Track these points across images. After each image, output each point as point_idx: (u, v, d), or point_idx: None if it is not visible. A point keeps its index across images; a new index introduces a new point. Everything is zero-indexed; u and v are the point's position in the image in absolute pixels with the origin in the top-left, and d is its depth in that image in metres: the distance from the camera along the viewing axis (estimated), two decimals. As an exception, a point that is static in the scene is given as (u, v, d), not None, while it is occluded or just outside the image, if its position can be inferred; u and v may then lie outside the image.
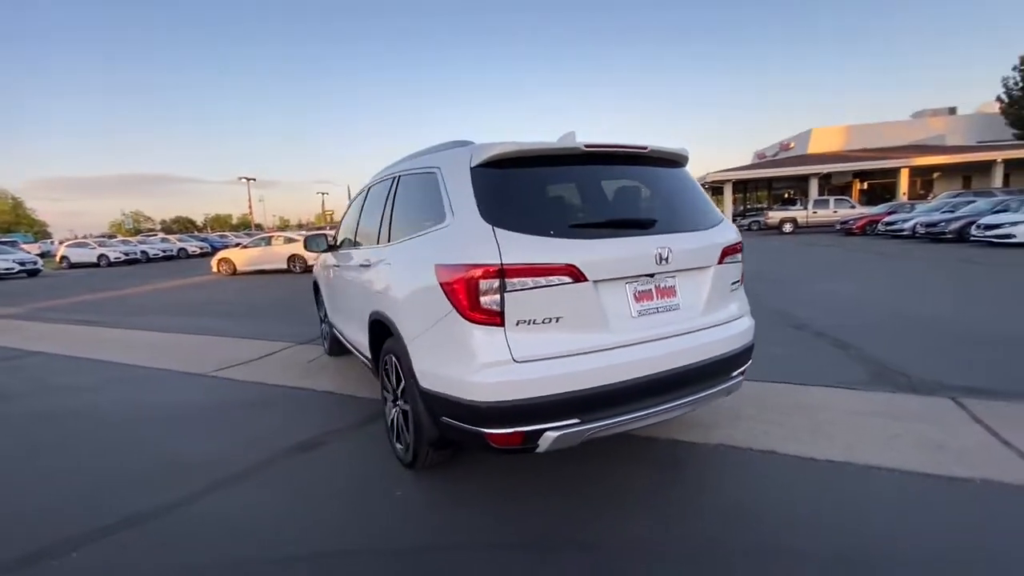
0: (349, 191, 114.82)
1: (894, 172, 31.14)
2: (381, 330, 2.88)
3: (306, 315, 7.92)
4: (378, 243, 3.08)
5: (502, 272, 1.94)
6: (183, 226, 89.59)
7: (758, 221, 27.79)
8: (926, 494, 2.32)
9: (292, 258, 15.31)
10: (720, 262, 2.44)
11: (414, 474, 2.66)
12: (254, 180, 45.65)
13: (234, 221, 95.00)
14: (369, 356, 3.17)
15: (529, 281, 1.97)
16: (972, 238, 14.72)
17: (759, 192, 41.19)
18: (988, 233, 13.99)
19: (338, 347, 5.02)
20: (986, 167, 29.70)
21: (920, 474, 2.48)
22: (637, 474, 2.59)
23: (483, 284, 1.95)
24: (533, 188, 2.22)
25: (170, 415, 3.79)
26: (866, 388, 3.61)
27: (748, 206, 39.69)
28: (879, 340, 4.76)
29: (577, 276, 2.01)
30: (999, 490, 2.30)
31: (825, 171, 30.12)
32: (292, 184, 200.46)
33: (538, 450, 2.01)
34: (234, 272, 15.93)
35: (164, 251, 27.26)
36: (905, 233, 18.15)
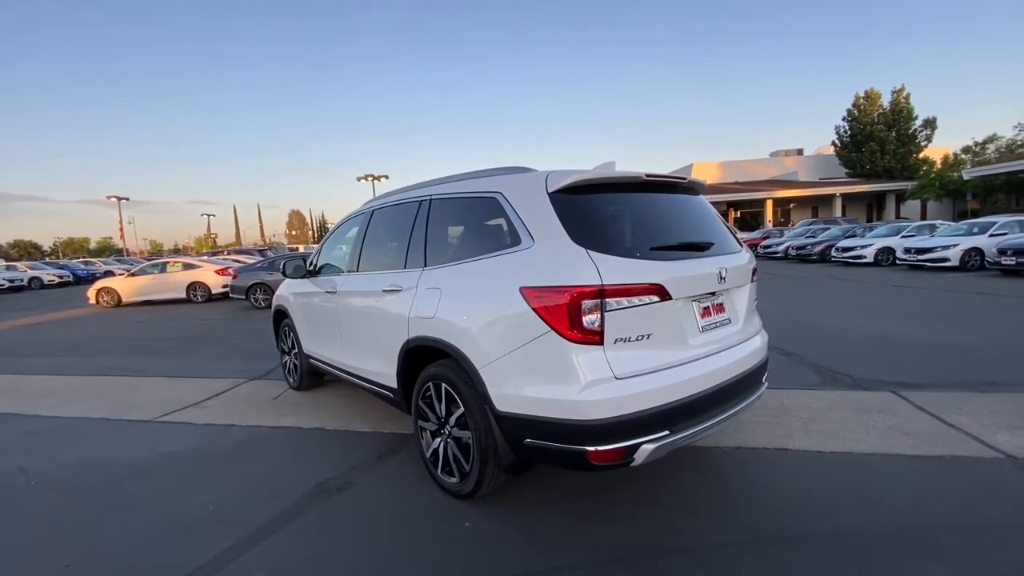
0: (235, 212, 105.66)
1: (761, 203, 35.99)
2: (420, 358, 2.79)
3: (236, 348, 7.24)
4: (406, 268, 2.99)
5: (602, 292, 2.03)
6: (25, 251, 76.02)
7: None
8: (917, 472, 2.76)
9: (192, 286, 13.75)
10: (751, 280, 2.74)
11: (470, 504, 2.58)
12: (127, 200, 40.28)
13: (92, 245, 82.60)
14: (393, 386, 3.03)
15: (624, 301, 2.08)
16: (832, 258, 17.51)
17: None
18: (845, 254, 16.73)
19: (312, 380, 4.68)
20: (829, 199, 35.48)
21: (906, 456, 2.94)
22: (689, 481, 2.76)
23: (586, 304, 2.02)
24: (609, 213, 2.35)
25: (136, 470, 3.25)
26: (825, 388, 4.16)
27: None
28: (811, 348, 5.49)
29: (663, 295, 2.16)
30: (968, 462, 2.81)
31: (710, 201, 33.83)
32: (164, 205, 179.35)
33: (633, 463, 2.09)
34: (119, 303, 13.90)
35: (10, 280, 22.84)
36: (779, 255, 21.01)
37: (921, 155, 36.46)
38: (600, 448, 2.02)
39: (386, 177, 32.11)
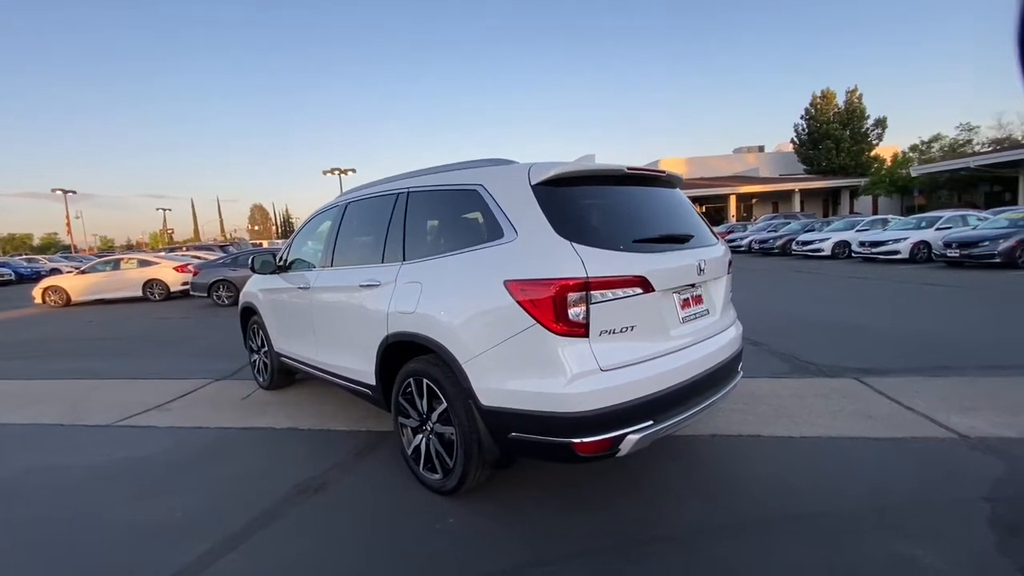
0: (193, 206, 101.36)
1: (724, 198, 37.01)
2: (400, 353, 2.74)
3: (199, 348, 6.97)
4: (383, 262, 2.93)
5: (587, 285, 2.04)
6: (-46, 248, 71.01)
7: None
8: (881, 454, 2.89)
9: (149, 284, 13.14)
10: (727, 272, 2.81)
11: (453, 500, 2.56)
12: (73, 193, 38.01)
13: (36, 242, 77.86)
14: (371, 383, 2.97)
15: (609, 293, 2.09)
16: (793, 252, 18.18)
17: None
18: (805, 248, 17.40)
19: (283, 379, 4.55)
20: (788, 195, 36.76)
21: (870, 439, 3.08)
22: (665, 470, 2.81)
23: (571, 297, 2.02)
24: (591, 206, 2.35)
25: (94, 477, 3.08)
26: (792, 376, 4.32)
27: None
28: (777, 338, 5.68)
29: (646, 287, 2.18)
30: (926, 443, 2.97)
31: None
32: (115, 199, 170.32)
33: (618, 454, 2.11)
34: (68, 303, 13.14)
35: (-58, 280, 21.29)
36: (743, 248, 21.69)
37: (873, 153, 38.25)
38: (586, 440, 2.03)
39: (353, 171, 31.43)
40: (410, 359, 2.71)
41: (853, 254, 15.72)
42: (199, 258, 15.34)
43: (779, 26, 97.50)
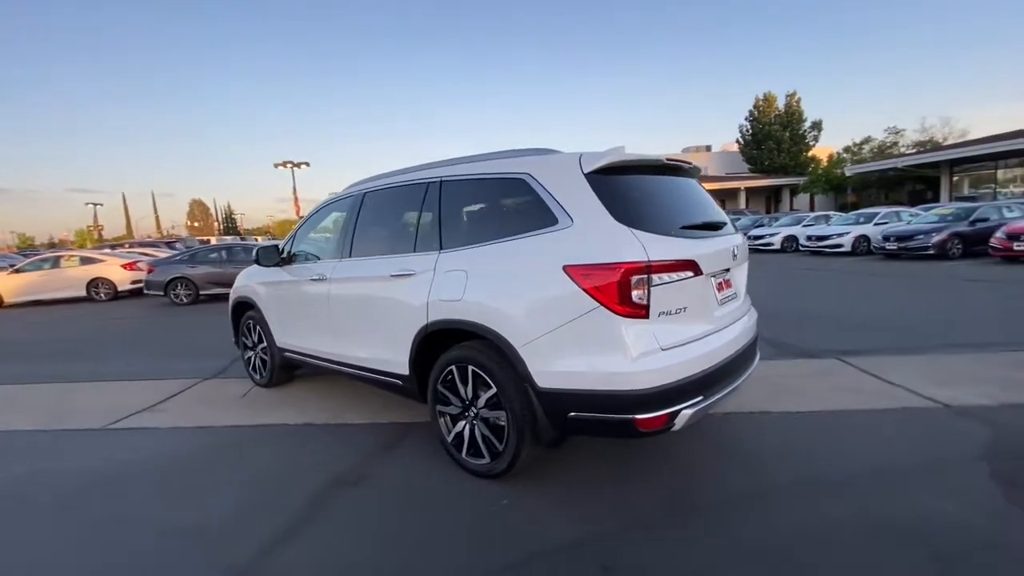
0: (125, 201, 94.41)
1: (677, 195, 38.33)
2: (439, 342, 2.76)
3: (172, 347, 6.64)
4: (416, 251, 2.93)
5: (649, 268, 2.14)
6: None
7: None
8: (878, 422, 3.17)
9: (94, 283, 12.23)
10: (746, 259, 3.00)
11: (500, 483, 2.61)
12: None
13: (-62, 240, 70.26)
14: (403, 373, 2.96)
15: (665, 276, 2.20)
16: (746, 246, 19.19)
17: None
18: (756, 242, 18.38)
19: (284, 376, 4.42)
20: (734, 193, 38.61)
21: (864, 410, 3.36)
22: (693, 445, 2.97)
23: (635, 280, 2.12)
24: (638, 194, 2.45)
25: (100, 481, 2.91)
26: (781, 358, 4.62)
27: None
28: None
29: (696, 271, 2.31)
30: (915, 412, 3.28)
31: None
32: (34, 193, 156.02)
33: (673, 429, 2.23)
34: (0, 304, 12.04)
35: None
36: (698, 243, 22.63)
37: (810, 153, 40.75)
38: (647, 416, 2.14)
39: (307, 164, 30.29)
40: (449, 347, 2.73)
41: (801, 247, 16.79)
42: (147, 255, 14.42)
43: (721, 32, 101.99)
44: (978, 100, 69.89)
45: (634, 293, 2.12)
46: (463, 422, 2.72)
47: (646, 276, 2.13)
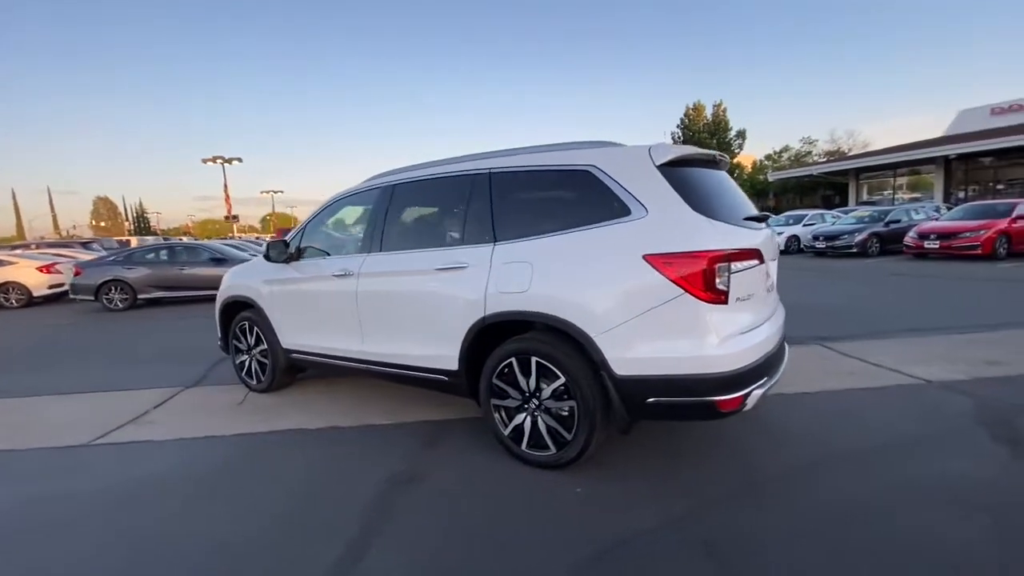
0: (15, 198, 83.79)
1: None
2: (495, 335, 2.73)
3: (129, 355, 6.05)
4: (466, 244, 2.88)
5: (729, 256, 2.25)
6: None
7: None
8: (878, 398, 3.50)
9: (5, 287, 10.81)
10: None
11: (565, 473, 2.61)
12: None
13: None
14: (451, 368, 2.90)
15: (740, 264, 2.32)
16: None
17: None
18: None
19: (286, 379, 4.17)
20: (670, 196, 40.55)
21: (861, 389, 3.70)
22: (732, 427, 3.12)
23: (718, 267, 2.21)
24: (703, 185, 2.55)
25: (110, 500, 2.61)
26: (770, 346, 4.96)
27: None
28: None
29: (760, 259, 2.45)
30: (906, 389, 3.65)
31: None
32: None
33: (745, 409, 2.35)
34: None
35: None
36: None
37: (735, 160, 43.71)
38: (727, 397, 2.25)
39: (239, 160, 28.42)
40: (502, 340, 2.71)
41: (739, 247, 17.97)
42: (64, 256, 12.95)
43: (656, 40, 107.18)
44: (879, 114, 78.64)
45: (717, 280, 2.22)
46: (523, 415, 2.70)
47: (727, 264, 2.24)
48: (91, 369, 5.44)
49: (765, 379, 2.42)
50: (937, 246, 11.74)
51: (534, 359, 2.59)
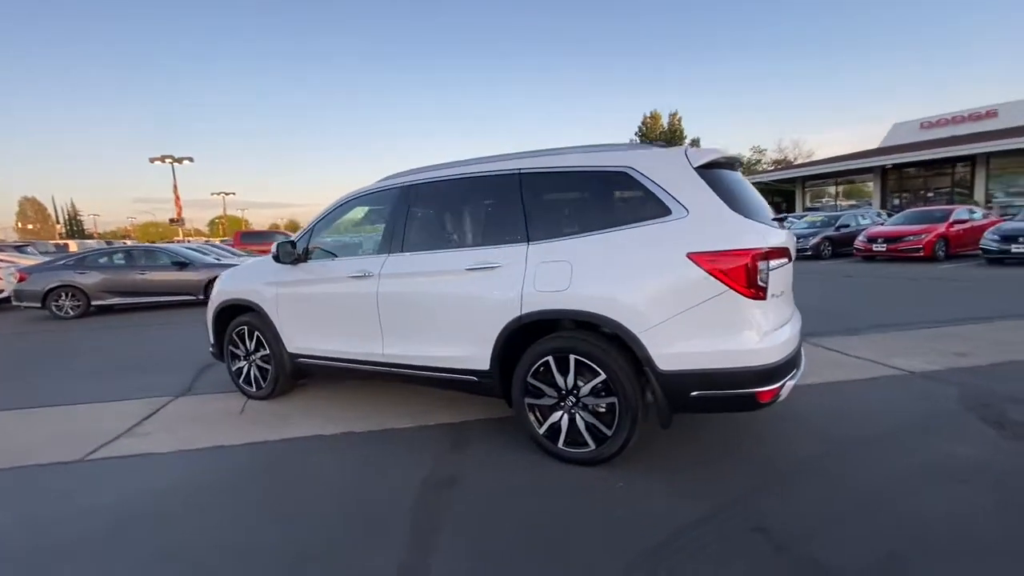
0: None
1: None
2: (530, 334, 2.75)
3: (92, 364, 5.68)
4: (497, 244, 2.88)
5: (768, 254, 2.36)
6: None
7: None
8: (870, 388, 3.75)
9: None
10: None
11: (605, 469, 2.66)
12: None
13: None
14: (482, 368, 2.90)
15: (775, 262, 2.44)
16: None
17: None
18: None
19: (289, 385, 4.03)
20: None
21: (852, 380, 3.95)
22: (747, 420, 3.26)
23: (760, 264, 2.32)
24: (733, 186, 2.65)
25: (122, 518, 2.44)
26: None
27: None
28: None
29: (789, 257, 2.59)
30: (893, 379, 3.92)
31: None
32: None
33: (778, 400, 2.47)
34: None
35: None
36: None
37: (690, 167, 45.45)
38: (767, 388, 2.36)
39: (190, 160, 27.02)
40: (535, 339, 2.73)
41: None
42: (1, 261, 11.92)
43: (614, 52, 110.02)
44: (823, 124, 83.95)
45: (759, 277, 2.33)
46: (559, 412, 2.72)
47: (767, 261, 2.35)
48: (56, 382, 5.04)
49: (794, 371, 2.55)
50: (884, 249, 12.63)
51: (572, 357, 2.62)
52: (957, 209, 12.69)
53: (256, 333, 3.92)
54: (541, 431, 2.78)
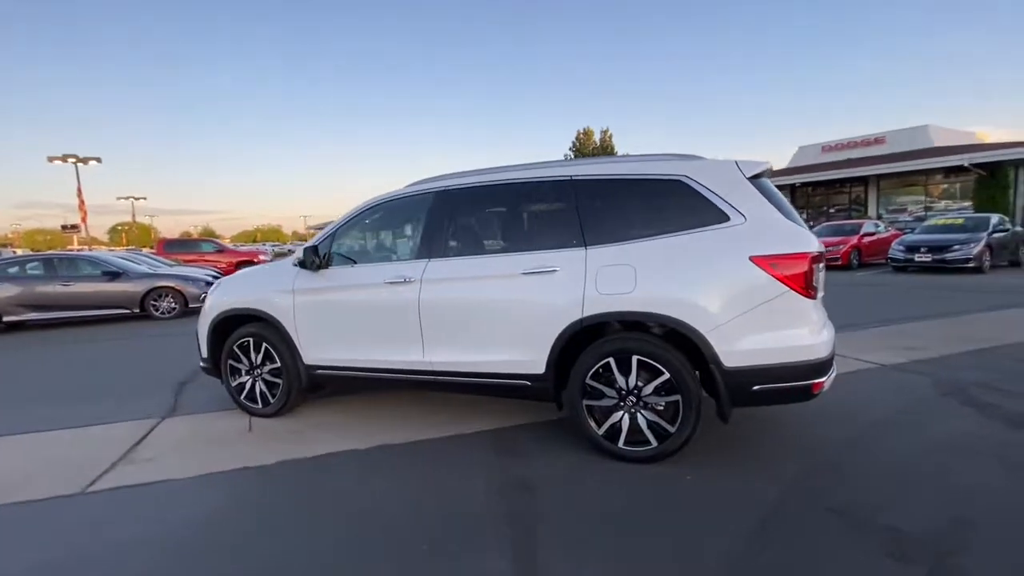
0: None
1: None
2: (588, 336, 2.81)
3: (47, 387, 4.97)
4: (547, 248, 2.92)
5: (819, 257, 2.59)
6: None
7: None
8: (857, 381, 4.15)
9: None
10: None
11: (668, 464, 2.74)
12: None
13: None
14: (536, 372, 2.91)
15: (821, 264, 2.68)
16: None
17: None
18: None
19: (300, 399, 3.79)
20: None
21: (843, 373, 4.32)
22: (765, 414, 3.49)
23: (815, 266, 2.54)
24: (776, 195, 2.86)
25: (184, 543, 2.21)
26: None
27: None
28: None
29: (824, 261, 2.84)
30: (872, 372, 4.38)
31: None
32: None
33: (824, 390, 2.69)
34: None
35: None
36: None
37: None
38: (819, 380, 2.58)
39: (97, 160, 24.32)
40: (592, 342, 2.80)
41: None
42: None
43: (549, 70, 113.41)
44: (740, 145, 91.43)
45: (814, 277, 2.55)
46: (619, 413, 2.79)
47: (820, 263, 2.58)
48: (9, 408, 4.37)
49: (833, 365, 2.80)
50: (808, 258, 13.96)
51: (634, 357, 2.71)
52: (866, 223, 14.34)
53: (264, 345, 3.66)
54: (600, 432, 2.83)
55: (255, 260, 18.17)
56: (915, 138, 24.44)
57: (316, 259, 3.42)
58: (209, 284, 9.96)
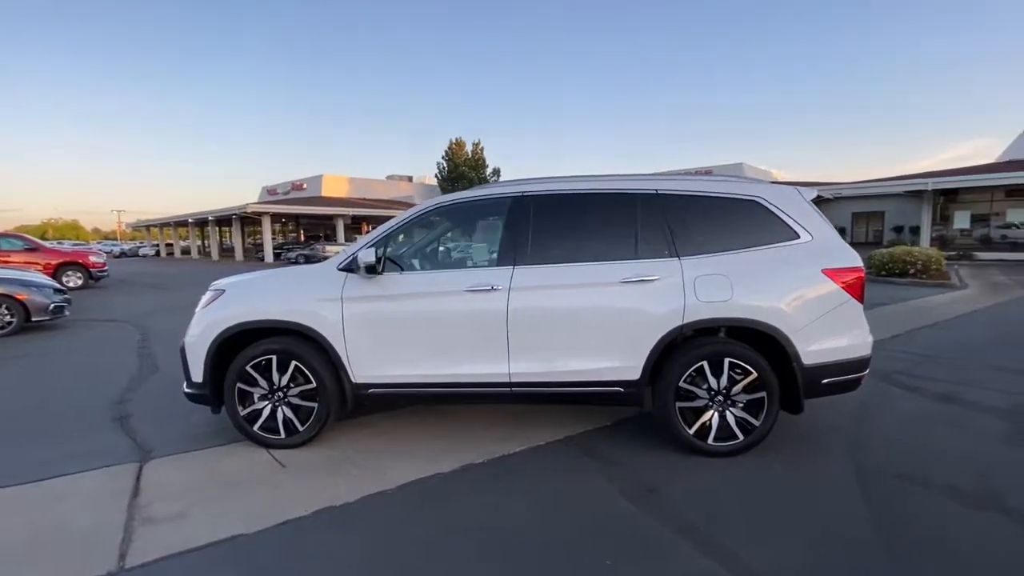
0: None
1: (388, 218, 39.81)
2: (685, 341, 3.01)
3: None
4: (640, 258, 3.03)
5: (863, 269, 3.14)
6: None
7: (305, 254, 28.51)
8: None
9: None
10: None
11: (747, 457, 3.02)
12: None
13: None
14: (631, 379, 3.00)
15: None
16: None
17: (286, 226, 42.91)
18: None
19: (334, 419, 3.32)
20: (440, 221, 42.83)
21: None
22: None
23: (864, 278, 3.07)
24: (824, 217, 3.36)
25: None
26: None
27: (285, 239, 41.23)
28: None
29: (853, 275, 3.43)
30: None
31: (352, 213, 35.04)
32: None
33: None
34: None
35: None
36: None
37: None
38: (865, 373, 3.11)
39: None
40: (688, 345, 3.01)
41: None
42: None
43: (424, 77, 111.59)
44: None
45: (864, 287, 3.08)
46: (710, 412, 3.02)
47: (865, 276, 3.13)
48: None
49: None
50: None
51: (727, 359, 2.97)
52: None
53: (293, 363, 3.12)
54: (691, 432, 3.02)
55: (83, 262, 14.78)
56: (734, 173, 29.73)
57: (375, 264, 3.04)
58: (60, 292, 7.92)
